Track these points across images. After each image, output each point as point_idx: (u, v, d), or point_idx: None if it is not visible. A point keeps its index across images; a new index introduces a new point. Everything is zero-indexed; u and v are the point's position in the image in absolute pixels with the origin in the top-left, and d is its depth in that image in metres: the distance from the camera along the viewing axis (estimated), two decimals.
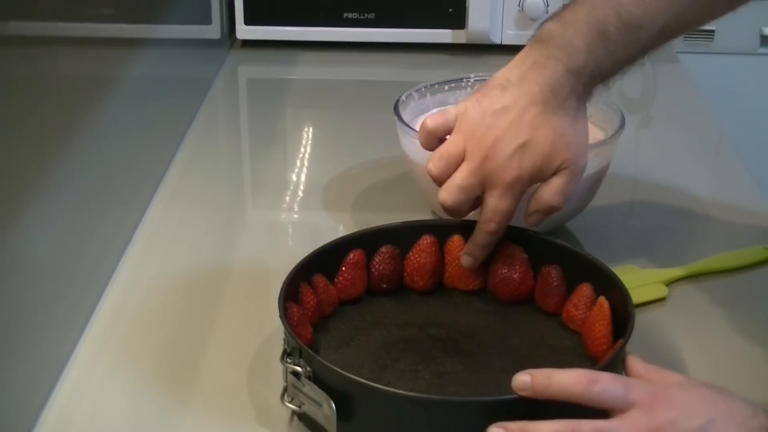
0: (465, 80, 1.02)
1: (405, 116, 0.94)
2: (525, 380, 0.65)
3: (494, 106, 0.77)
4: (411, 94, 0.98)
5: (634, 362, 0.68)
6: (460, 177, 0.77)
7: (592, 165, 0.89)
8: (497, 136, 0.76)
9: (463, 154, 0.77)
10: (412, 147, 0.92)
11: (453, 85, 1.01)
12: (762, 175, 1.09)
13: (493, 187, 0.77)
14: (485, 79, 1.02)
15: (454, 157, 0.78)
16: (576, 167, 0.78)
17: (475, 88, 1.02)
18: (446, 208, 0.79)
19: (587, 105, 0.80)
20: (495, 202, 0.77)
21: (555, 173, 0.77)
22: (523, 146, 0.76)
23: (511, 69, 0.79)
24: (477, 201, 0.79)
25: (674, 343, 0.80)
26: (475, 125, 0.77)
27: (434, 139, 0.80)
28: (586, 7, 0.78)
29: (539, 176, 0.78)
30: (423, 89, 0.99)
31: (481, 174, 0.77)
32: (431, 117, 0.81)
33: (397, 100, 0.96)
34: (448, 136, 0.80)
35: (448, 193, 0.78)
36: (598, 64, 0.77)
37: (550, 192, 0.78)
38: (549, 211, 0.79)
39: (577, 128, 0.78)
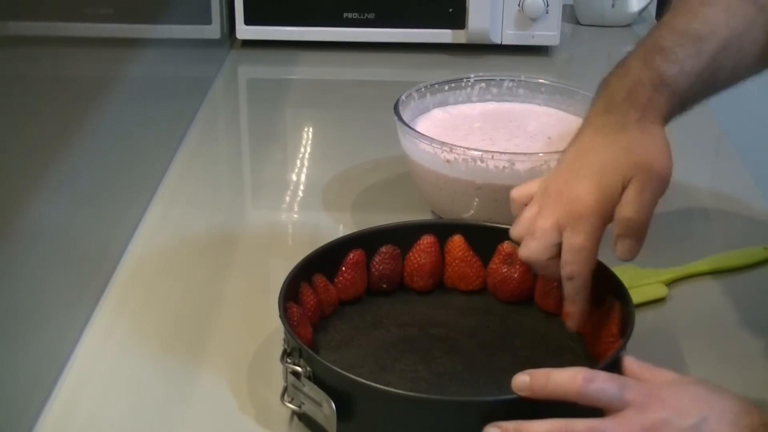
0: (465, 80, 1.02)
1: (405, 116, 0.94)
2: (524, 380, 0.65)
3: (561, 162, 0.75)
4: (411, 94, 0.98)
5: (628, 361, 0.68)
6: (537, 226, 0.73)
7: None
8: (566, 178, 0.73)
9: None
10: (412, 147, 0.92)
11: (453, 85, 1.01)
12: (762, 175, 1.09)
13: (566, 224, 0.72)
14: (485, 79, 1.03)
15: (533, 218, 0.74)
16: (647, 175, 0.71)
17: (475, 88, 1.02)
18: (529, 261, 0.74)
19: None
20: (568, 240, 0.71)
21: (625, 188, 0.71)
22: (587, 174, 0.72)
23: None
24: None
25: (674, 343, 0.80)
26: (547, 181, 0.75)
27: (520, 206, 0.77)
28: (638, 44, 0.76)
29: (609, 197, 0.71)
30: (423, 89, 1.00)
31: (554, 215, 0.72)
32: (516, 187, 0.78)
33: (397, 100, 0.96)
34: None
35: (525, 246, 0.74)
36: (658, 73, 0.73)
37: (622, 205, 0.71)
38: (628, 227, 0.71)
39: (646, 141, 0.72)
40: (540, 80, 1.02)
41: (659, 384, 0.66)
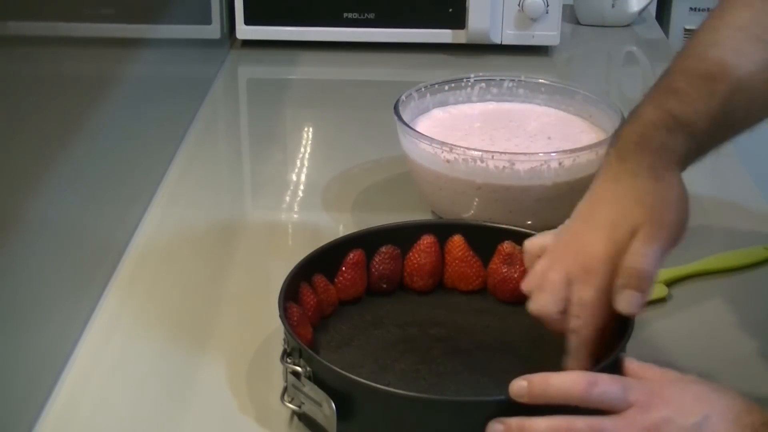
0: (465, 80, 1.02)
1: (405, 116, 0.94)
2: (522, 386, 0.64)
3: (575, 214, 0.73)
4: (411, 94, 0.98)
5: (629, 361, 0.68)
6: (547, 279, 0.71)
7: (593, 165, 0.90)
8: (578, 230, 0.71)
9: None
10: (412, 147, 0.92)
11: (453, 85, 1.01)
12: (762, 175, 1.09)
13: (576, 277, 0.69)
14: (485, 79, 1.03)
15: (544, 271, 0.72)
16: (657, 225, 0.68)
17: (475, 88, 1.02)
18: (538, 315, 0.71)
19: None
20: (576, 293, 0.69)
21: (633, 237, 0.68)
22: (598, 227, 0.69)
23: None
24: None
25: (674, 342, 0.80)
26: (560, 233, 0.73)
27: (533, 258, 0.75)
28: (648, 90, 0.74)
29: (619, 251, 0.68)
30: (423, 89, 0.99)
31: (564, 268, 0.70)
32: (529, 238, 0.76)
33: (397, 100, 0.96)
34: None
35: (534, 299, 0.71)
36: (671, 114, 0.70)
37: (627, 254, 0.67)
38: (630, 277, 0.67)
39: (659, 189, 0.69)
40: (540, 80, 1.02)
41: (661, 383, 0.65)
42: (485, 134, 0.96)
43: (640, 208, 0.68)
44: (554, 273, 0.70)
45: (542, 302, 0.70)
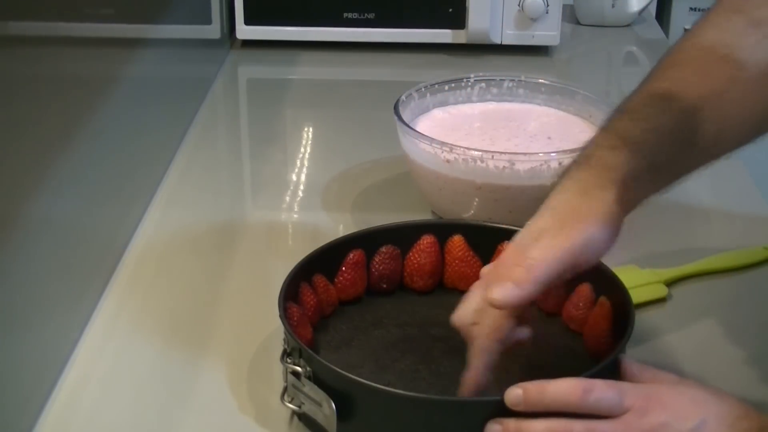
0: (465, 80, 1.02)
1: (405, 116, 0.94)
2: (517, 394, 0.64)
3: None
4: (411, 94, 0.98)
5: (627, 363, 0.68)
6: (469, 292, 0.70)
7: None
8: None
9: None
10: (412, 147, 0.92)
11: (453, 85, 1.01)
12: (762, 175, 1.09)
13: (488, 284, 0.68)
14: (485, 79, 1.03)
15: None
16: (556, 234, 0.66)
17: (475, 88, 1.02)
18: (457, 328, 0.70)
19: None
20: (484, 296, 0.67)
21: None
22: (518, 238, 0.68)
23: None
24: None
25: (674, 343, 0.80)
26: None
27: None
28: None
29: (517, 249, 0.67)
30: (423, 89, 0.99)
31: (483, 282, 0.69)
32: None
33: (397, 100, 0.96)
34: None
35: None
36: (616, 133, 0.68)
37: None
38: (512, 274, 0.66)
39: (579, 203, 0.67)
40: (540, 80, 1.02)
41: (658, 386, 0.65)
42: (485, 134, 0.97)
43: (551, 216, 0.67)
44: (476, 289, 0.69)
45: (457, 312, 0.69)
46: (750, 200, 1.01)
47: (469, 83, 1.02)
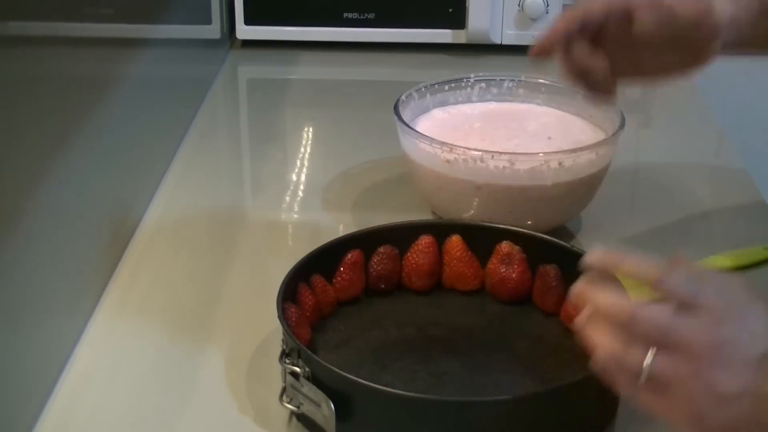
0: (465, 80, 1.02)
1: (405, 116, 0.94)
2: (598, 255, 0.60)
3: None
4: (411, 94, 0.98)
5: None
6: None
7: (593, 165, 0.90)
8: None
9: None
10: (412, 147, 0.92)
11: (453, 85, 1.01)
12: (762, 175, 1.09)
13: None
14: (485, 79, 1.03)
15: None
16: None
17: (475, 88, 1.02)
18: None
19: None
20: None
21: None
22: None
23: None
24: None
25: None
26: None
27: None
28: None
29: None
30: (423, 89, 0.99)
31: None
32: None
33: (397, 100, 0.96)
34: None
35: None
36: None
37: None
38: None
39: None
40: (540, 80, 1.02)
41: (738, 299, 0.58)
42: (485, 134, 0.96)
43: None
44: None
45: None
46: (750, 200, 1.01)
47: (469, 83, 1.02)
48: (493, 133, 0.97)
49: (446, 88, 1.01)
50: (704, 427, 0.57)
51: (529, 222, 0.87)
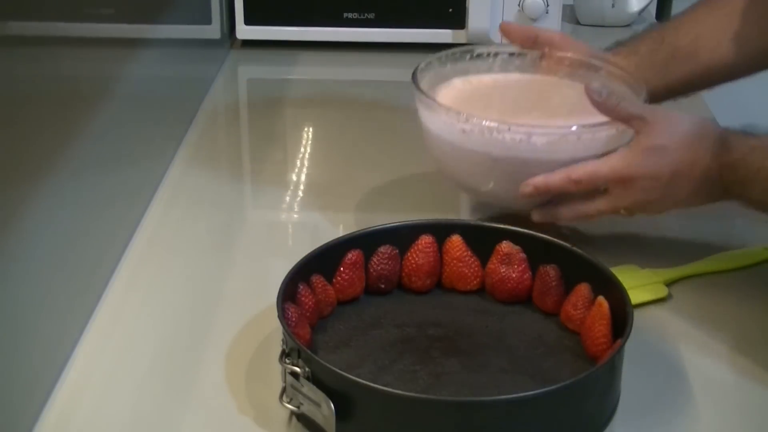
0: (487, 52, 0.97)
1: (423, 85, 0.90)
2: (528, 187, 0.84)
3: None
4: (431, 62, 0.94)
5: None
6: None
7: (613, 141, 0.85)
8: None
9: None
10: (428, 116, 0.88)
11: (475, 54, 0.97)
12: None
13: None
14: (509, 51, 0.98)
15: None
16: None
17: (498, 59, 0.98)
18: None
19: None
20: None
21: None
22: None
23: None
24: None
25: (674, 343, 0.80)
26: None
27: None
28: None
29: None
30: (443, 57, 0.95)
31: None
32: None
33: (416, 68, 0.92)
34: None
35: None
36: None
37: None
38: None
39: None
40: (565, 54, 0.97)
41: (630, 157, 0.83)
42: (505, 106, 0.93)
43: None
44: None
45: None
46: None
47: (492, 54, 0.97)
48: (514, 105, 0.93)
49: (468, 57, 0.97)
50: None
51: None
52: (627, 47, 0.98)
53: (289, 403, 0.69)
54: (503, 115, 0.88)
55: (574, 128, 0.85)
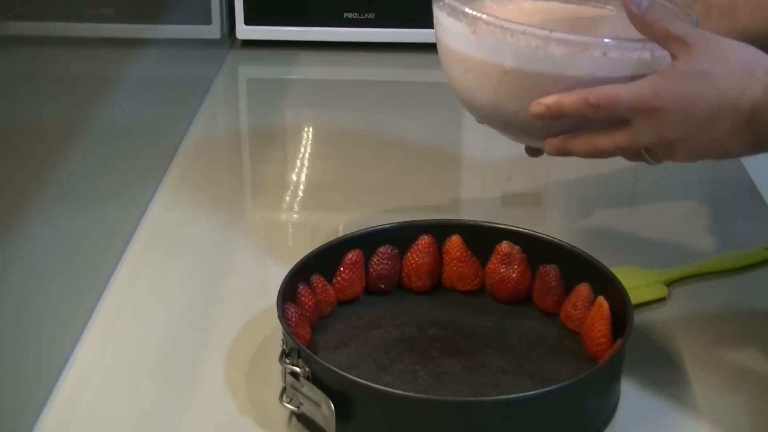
0: None
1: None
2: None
3: None
4: None
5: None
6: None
7: (644, 65, 0.73)
8: None
9: None
10: (440, 25, 0.78)
11: None
12: (762, 175, 1.09)
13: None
14: None
15: None
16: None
17: None
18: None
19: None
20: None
21: None
22: None
23: None
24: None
25: (674, 343, 0.80)
26: None
27: None
28: None
29: None
30: None
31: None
32: None
33: None
34: None
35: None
36: None
37: None
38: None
39: None
40: None
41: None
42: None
43: None
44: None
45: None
46: (750, 200, 1.01)
47: None
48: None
49: None
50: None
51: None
52: None
53: (289, 403, 0.69)
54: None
55: (600, 40, 0.73)
